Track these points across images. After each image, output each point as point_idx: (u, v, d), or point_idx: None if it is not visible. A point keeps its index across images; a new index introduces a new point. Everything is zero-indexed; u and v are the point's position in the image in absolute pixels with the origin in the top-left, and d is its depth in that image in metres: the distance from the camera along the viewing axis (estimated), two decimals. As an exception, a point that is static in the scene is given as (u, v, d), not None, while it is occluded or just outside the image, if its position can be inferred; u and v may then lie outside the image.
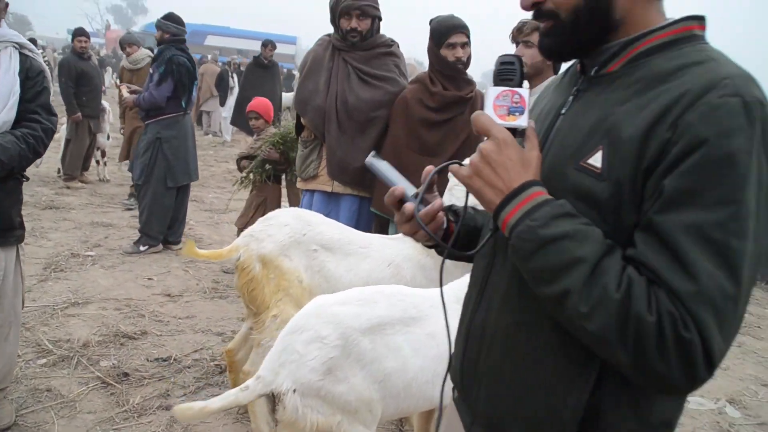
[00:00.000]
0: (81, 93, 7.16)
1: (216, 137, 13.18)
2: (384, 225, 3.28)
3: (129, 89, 5.59)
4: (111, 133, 8.26)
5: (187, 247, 2.39)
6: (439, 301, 1.19)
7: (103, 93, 9.40)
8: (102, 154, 7.98)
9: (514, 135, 0.98)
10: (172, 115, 5.25)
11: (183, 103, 5.28)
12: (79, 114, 7.11)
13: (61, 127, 7.11)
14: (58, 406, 2.87)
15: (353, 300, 1.89)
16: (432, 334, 1.89)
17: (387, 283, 2.44)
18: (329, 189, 3.25)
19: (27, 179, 2.58)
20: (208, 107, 13.38)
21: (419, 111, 3.10)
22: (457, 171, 1.02)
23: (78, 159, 7.44)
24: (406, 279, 2.52)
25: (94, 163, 7.96)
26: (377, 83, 3.25)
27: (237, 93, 9.54)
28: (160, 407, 2.90)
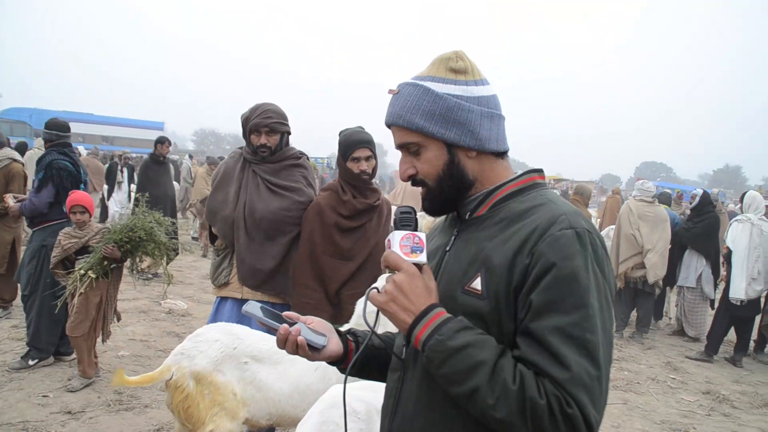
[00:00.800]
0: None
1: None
2: None
3: (15, 198, 5.37)
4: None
5: (117, 377, 2.38)
6: None
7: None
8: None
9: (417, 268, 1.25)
10: (56, 222, 5.08)
11: (63, 208, 5.02)
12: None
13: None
14: None
15: (366, 387, 2.19)
16: None
17: (315, 387, 2.62)
18: (239, 295, 3.34)
19: None
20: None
21: (332, 217, 3.27)
22: (374, 297, 1.26)
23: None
24: (332, 381, 2.66)
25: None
26: (285, 193, 3.39)
27: (134, 189, 9.29)
28: None
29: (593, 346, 1.12)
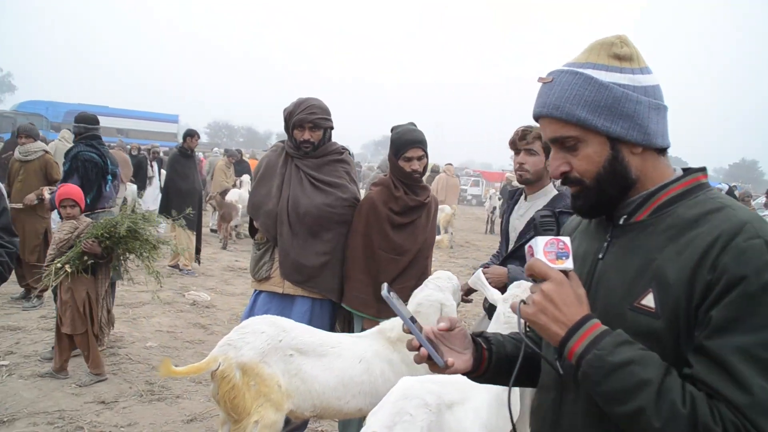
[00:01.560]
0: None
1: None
2: (350, 320, 3.45)
3: (50, 191, 5.49)
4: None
5: (164, 367, 2.41)
6: None
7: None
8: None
9: None
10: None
11: (88, 200, 5.09)
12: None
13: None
14: None
15: (434, 380, 2.31)
16: None
17: (359, 379, 2.67)
18: (280, 290, 3.35)
19: None
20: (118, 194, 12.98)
21: (385, 213, 3.30)
22: (523, 310, 1.17)
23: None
24: (375, 374, 2.72)
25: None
26: (329, 189, 3.40)
27: (164, 183, 9.13)
28: None
29: None
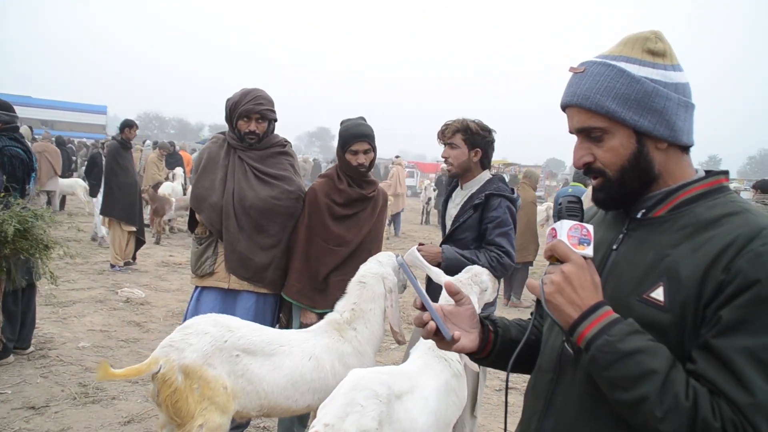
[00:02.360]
0: None
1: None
2: (290, 310, 3.42)
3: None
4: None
5: (101, 370, 2.31)
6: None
7: None
8: None
9: None
10: (-1, 214, 4.74)
11: (11, 199, 4.51)
12: None
13: None
14: None
15: (383, 372, 2.38)
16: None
17: (309, 376, 2.65)
18: (226, 285, 3.28)
19: None
20: (50, 186, 12.19)
21: (325, 203, 3.30)
22: (536, 287, 1.20)
23: None
24: (325, 369, 2.70)
25: None
26: (275, 182, 3.34)
27: (104, 177, 8.67)
28: None
29: None
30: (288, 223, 3.35)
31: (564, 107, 1.31)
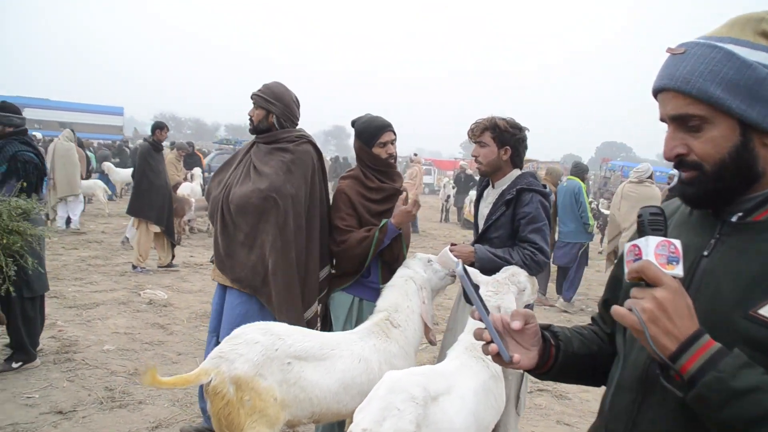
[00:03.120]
0: None
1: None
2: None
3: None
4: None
5: (149, 376, 2.20)
6: None
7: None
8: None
9: None
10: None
11: None
12: None
13: None
14: None
15: (419, 372, 2.33)
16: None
17: (359, 379, 2.57)
18: (220, 280, 3.34)
19: None
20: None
21: (362, 203, 3.20)
22: (626, 316, 1.03)
23: None
24: (374, 371, 2.60)
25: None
26: (255, 178, 3.24)
27: (135, 179, 8.71)
28: None
29: None
30: (258, 224, 3.18)
31: (657, 91, 1.17)
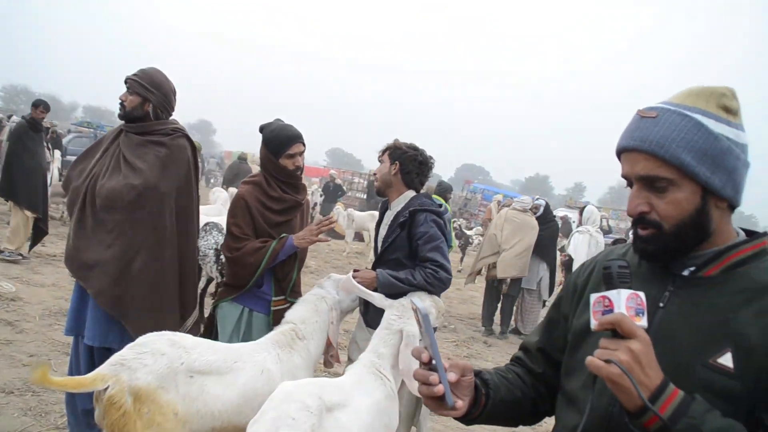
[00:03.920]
0: None
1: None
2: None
3: None
4: None
5: (38, 373, 1.96)
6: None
7: None
8: None
9: None
10: None
11: None
12: None
13: None
14: None
15: (313, 383, 2.36)
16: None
17: (261, 390, 2.51)
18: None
19: None
20: None
21: (260, 211, 3.10)
22: (602, 368, 1.08)
23: None
24: (276, 382, 2.54)
25: None
26: (126, 172, 3.06)
27: (5, 158, 7.96)
28: None
29: None
30: (129, 222, 3.00)
31: (626, 150, 1.25)
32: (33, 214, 7.72)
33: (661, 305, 1.24)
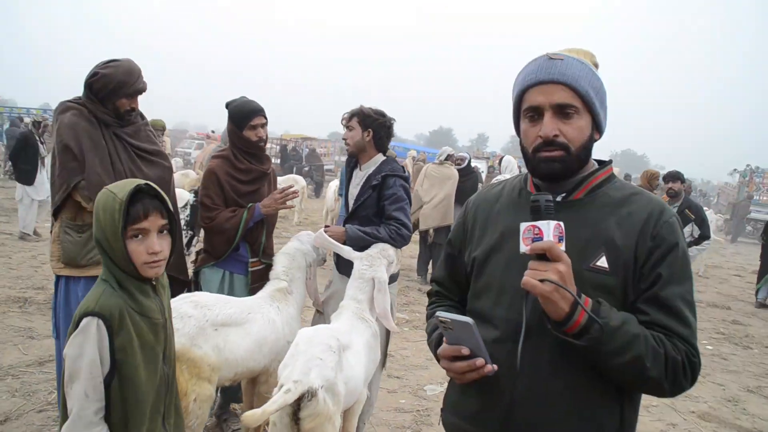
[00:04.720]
0: None
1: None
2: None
3: None
4: None
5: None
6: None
7: None
8: None
9: None
10: None
11: None
12: None
13: None
14: None
15: (328, 328, 2.70)
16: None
17: (270, 338, 2.92)
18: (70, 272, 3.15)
19: None
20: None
21: (230, 183, 3.41)
22: (537, 286, 1.33)
23: None
24: (279, 330, 3.01)
25: None
26: (154, 159, 3.29)
27: None
28: None
29: (695, 306, 1.45)
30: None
31: (540, 83, 1.47)
32: None
33: None
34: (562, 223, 1.37)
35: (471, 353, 1.46)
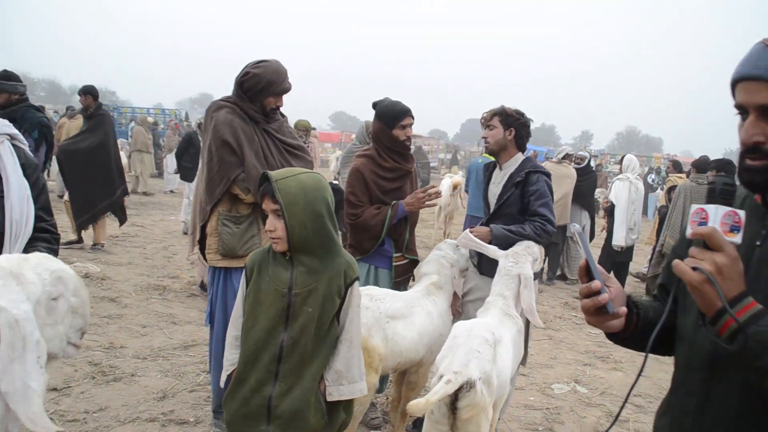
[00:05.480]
0: None
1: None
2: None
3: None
4: None
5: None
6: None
7: None
8: None
9: None
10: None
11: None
12: None
13: None
14: None
15: (482, 323, 2.75)
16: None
17: (428, 330, 3.05)
18: (224, 263, 3.29)
19: None
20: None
21: (375, 181, 3.53)
22: (688, 273, 1.15)
23: None
24: (435, 322, 3.14)
25: None
26: (299, 153, 3.42)
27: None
28: None
29: None
30: None
31: (744, 79, 1.22)
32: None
33: (758, 243, 1.25)
34: (741, 212, 1.17)
35: (587, 266, 1.36)
